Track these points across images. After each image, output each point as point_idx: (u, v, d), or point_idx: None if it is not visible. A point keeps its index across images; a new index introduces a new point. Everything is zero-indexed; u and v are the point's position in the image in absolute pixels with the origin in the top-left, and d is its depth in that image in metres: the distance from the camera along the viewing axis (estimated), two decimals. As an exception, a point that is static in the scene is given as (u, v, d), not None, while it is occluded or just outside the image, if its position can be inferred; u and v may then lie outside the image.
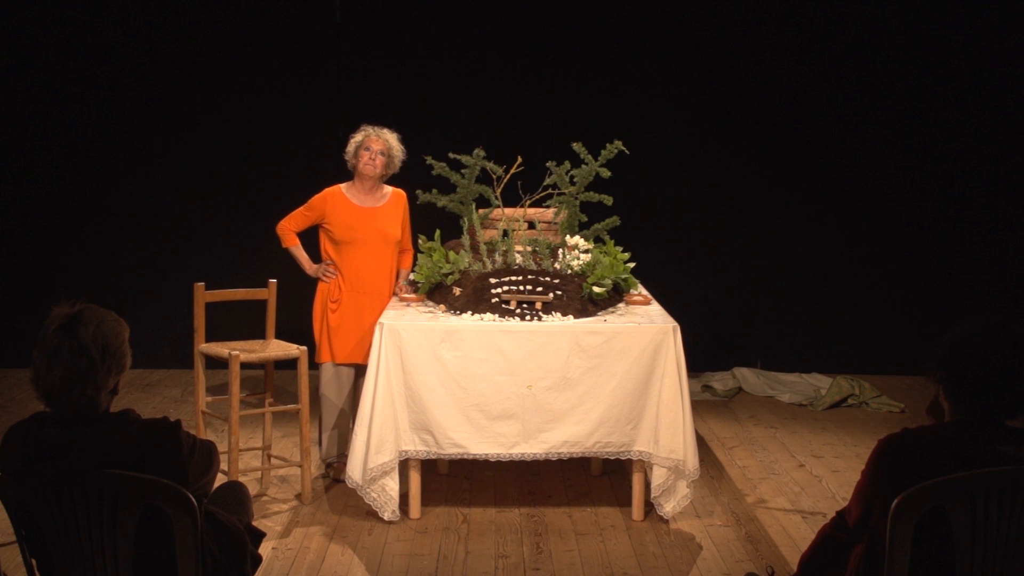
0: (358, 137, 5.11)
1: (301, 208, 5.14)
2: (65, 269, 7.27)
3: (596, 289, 4.67)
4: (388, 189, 5.19)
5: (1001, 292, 7.31)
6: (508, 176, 5.11)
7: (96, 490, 2.46)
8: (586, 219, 5.10)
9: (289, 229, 5.15)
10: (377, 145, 5.05)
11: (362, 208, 5.09)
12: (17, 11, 7.13)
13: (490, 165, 5.06)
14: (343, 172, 5.30)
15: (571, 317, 4.57)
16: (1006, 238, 7.38)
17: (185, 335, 5.26)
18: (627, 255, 4.92)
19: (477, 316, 4.57)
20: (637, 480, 4.60)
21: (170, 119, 7.26)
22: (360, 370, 5.16)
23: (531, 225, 5.21)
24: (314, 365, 5.04)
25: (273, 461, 5.03)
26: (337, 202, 5.08)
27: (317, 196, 5.12)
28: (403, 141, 5.13)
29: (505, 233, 5.03)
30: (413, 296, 4.98)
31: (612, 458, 4.75)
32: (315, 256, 5.21)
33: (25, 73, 7.19)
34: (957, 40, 7.20)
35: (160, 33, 7.19)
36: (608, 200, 4.97)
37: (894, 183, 7.37)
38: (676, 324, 4.52)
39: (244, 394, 5.04)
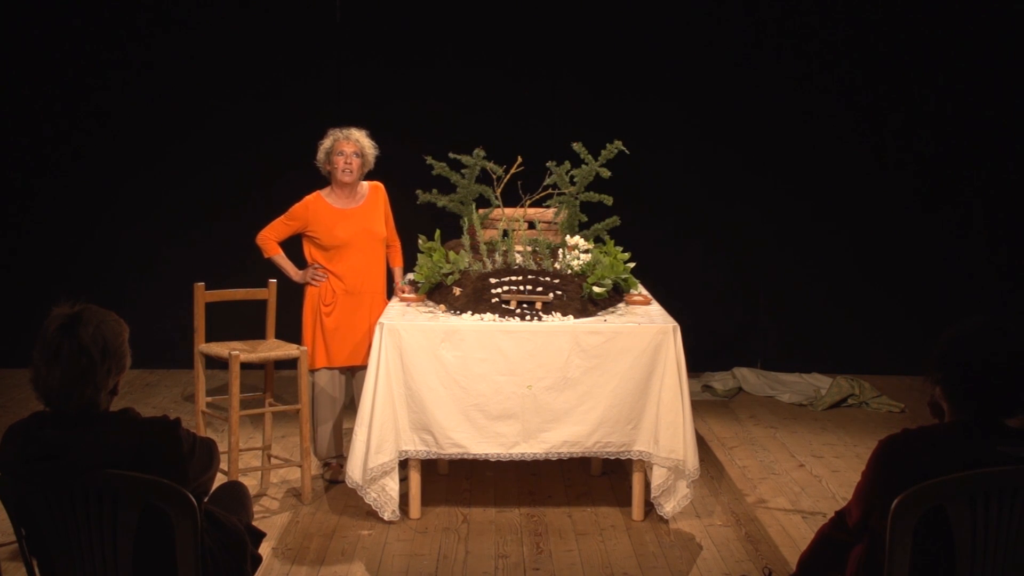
0: (327, 143, 5.04)
1: (282, 217, 5.08)
2: (65, 269, 7.27)
3: (596, 289, 4.67)
4: (366, 186, 5.15)
5: (1001, 292, 7.31)
6: (508, 176, 5.10)
7: (96, 490, 2.46)
8: (586, 219, 5.10)
9: (270, 239, 5.07)
10: (349, 147, 4.98)
11: (345, 211, 5.05)
12: (18, 12, 7.13)
13: (490, 165, 5.05)
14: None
15: (571, 317, 4.56)
16: (1006, 238, 7.38)
17: (185, 335, 5.25)
18: (627, 255, 4.92)
19: (477, 316, 4.57)
20: (637, 480, 4.60)
21: (170, 119, 7.25)
22: (353, 371, 5.15)
23: (531, 225, 5.21)
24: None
25: (273, 461, 5.03)
26: (319, 209, 5.03)
27: (298, 205, 5.05)
28: (403, 141, 5.11)
29: (505, 233, 5.03)
30: (413, 296, 4.98)
31: (612, 458, 4.75)
32: (298, 263, 5.14)
33: (25, 73, 7.19)
34: (958, 39, 7.19)
35: (160, 34, 7.18)
36: (608, 200, 4.97)
37: (894, 182, 7.36)
38: (676, 324, 4.52)
39: (244, 394, 5.04)
